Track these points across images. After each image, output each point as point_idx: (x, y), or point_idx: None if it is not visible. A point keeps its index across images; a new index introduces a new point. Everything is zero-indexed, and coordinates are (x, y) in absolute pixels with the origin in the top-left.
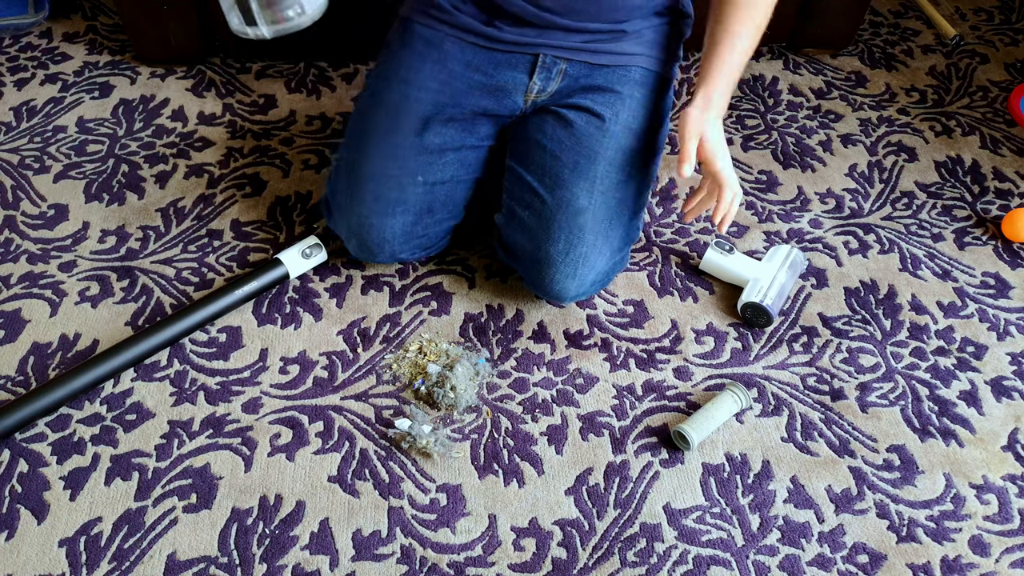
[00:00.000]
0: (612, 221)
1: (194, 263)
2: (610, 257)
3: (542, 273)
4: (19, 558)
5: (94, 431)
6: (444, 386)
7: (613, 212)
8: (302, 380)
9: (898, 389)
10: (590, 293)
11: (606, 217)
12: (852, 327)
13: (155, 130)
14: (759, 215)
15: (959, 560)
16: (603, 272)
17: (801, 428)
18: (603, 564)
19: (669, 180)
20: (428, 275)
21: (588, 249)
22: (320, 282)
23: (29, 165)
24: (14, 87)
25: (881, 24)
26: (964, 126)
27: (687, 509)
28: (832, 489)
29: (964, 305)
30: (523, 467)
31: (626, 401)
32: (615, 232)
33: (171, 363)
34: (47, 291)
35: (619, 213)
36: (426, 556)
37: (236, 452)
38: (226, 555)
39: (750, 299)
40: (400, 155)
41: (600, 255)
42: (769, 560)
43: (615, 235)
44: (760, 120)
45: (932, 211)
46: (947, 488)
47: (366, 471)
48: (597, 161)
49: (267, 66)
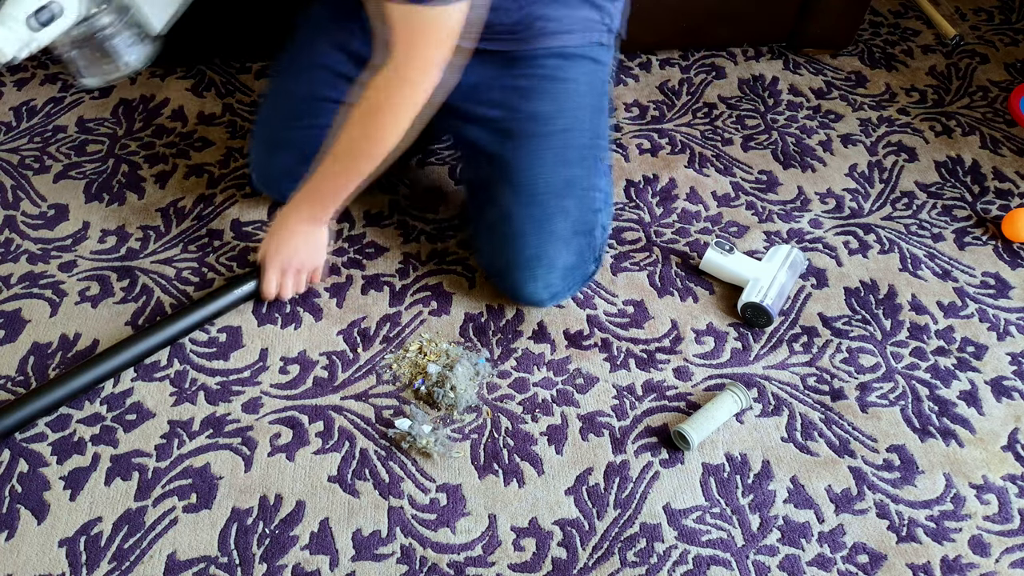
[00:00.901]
0: (555, 217)
1: (194, 263)
2: (574, 251)
3: (506, 282)
4: (19, 558)
5: (94, 431)
6: (444, 386)
7: (554, 209)
8: (302, 380)
9: (898, 389)
10: (567, 292)
11: (547, 215)
12: (852, 327)
13: (155, 130)
14: (759, 215)
15: (959, 560)
16: (570, 267)
17: (801, 428)
18: (603, 564)
19: (669, 180)
20: (428, 275)
21: (537, 251)
22: (320, 282)
23: (29, 165)
24: (14, 87)
25: (881, 24)
26: (964, 126)
27: (687, 509)
28: (832, 489)
29: (964, 305)
30: (523, 467)
31: (626, 401)
32: (564, 226)
33: (171, 363)
34: (47, 291)
35: (562, 208)
36: (426, 556)
37: (236, 452)
38: (226, 555)
39: (750, 299)
40: (290, 102)
41: (557, 253)
42: (769, 560)
43: (565, 229)
44: (760, 120)
45: (932, 211)
46: (947, 488)
47: (366, 471)
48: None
49: (267, 66)
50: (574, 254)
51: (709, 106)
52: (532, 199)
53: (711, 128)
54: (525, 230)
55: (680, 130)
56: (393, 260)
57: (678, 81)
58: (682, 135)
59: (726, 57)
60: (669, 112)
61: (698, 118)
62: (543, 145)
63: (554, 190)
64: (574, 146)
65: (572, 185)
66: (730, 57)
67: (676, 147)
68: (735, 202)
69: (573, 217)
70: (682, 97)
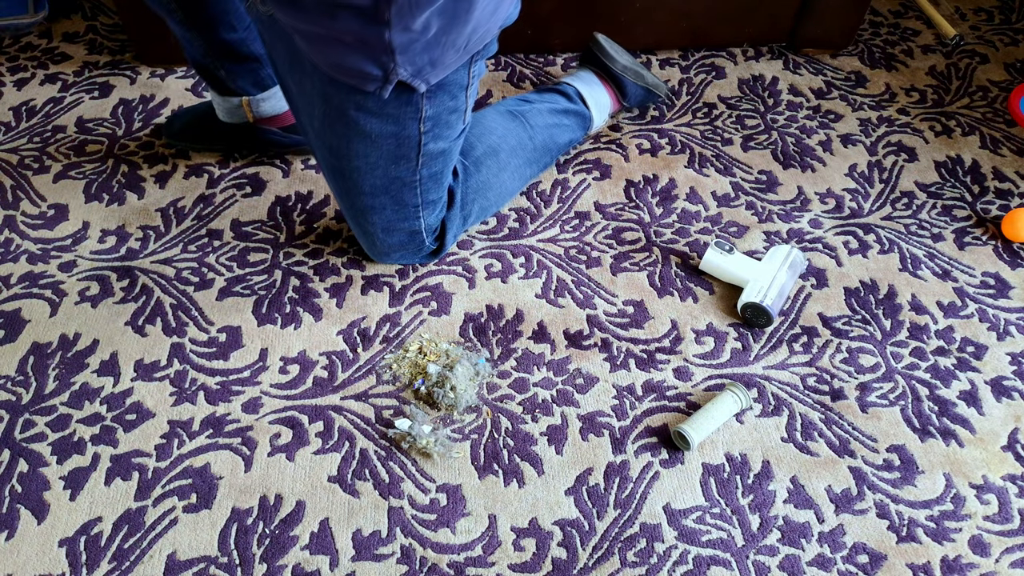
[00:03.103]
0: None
1: (194, 263)
2: (403, 214)
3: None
4: (19, 558)
5: (94, 431)
6: (444, 386)
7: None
8: (302, 380)
9: (898, 389)
10: (409, 253)
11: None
12: (852, 327)
13: (155, 130)
14: (759, 215)
15: (959, 560)
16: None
17: (801, 428)
18: (603, 564)
19: (669, 180)
20: (428, 275)
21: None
22: (320, 282)
23: (29, 165)
24: (14, 87)
25: (881, 24)
26: (964, 126)
27: (687, 509)
28: (832, 489)
29: (964, 305)
30: (523, 467)
31: (626, 401)
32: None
33: (171, 363)
34: (47, 291)
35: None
36: (426, 556)
37: (236, 452)
38: (226, 555)
39: (750, 299)
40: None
41: (379, 214)
42: (769, 560)
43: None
44: (760, 120)
45: (932, 211)
46: (947, 488)
47: (366, 471)
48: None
49: None
50: (408, 214)
51: (709, 106)
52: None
53: (711, 128)
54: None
55: (680, 130)
56: None
57: (678, 81)
58: (682, 135)
59: (726, 57)
60: (669, 112)
61: (698, 118)
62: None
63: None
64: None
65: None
66: (730, 57)
67: (676, 147)
68: (735, 202)
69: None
70: (682, 97)
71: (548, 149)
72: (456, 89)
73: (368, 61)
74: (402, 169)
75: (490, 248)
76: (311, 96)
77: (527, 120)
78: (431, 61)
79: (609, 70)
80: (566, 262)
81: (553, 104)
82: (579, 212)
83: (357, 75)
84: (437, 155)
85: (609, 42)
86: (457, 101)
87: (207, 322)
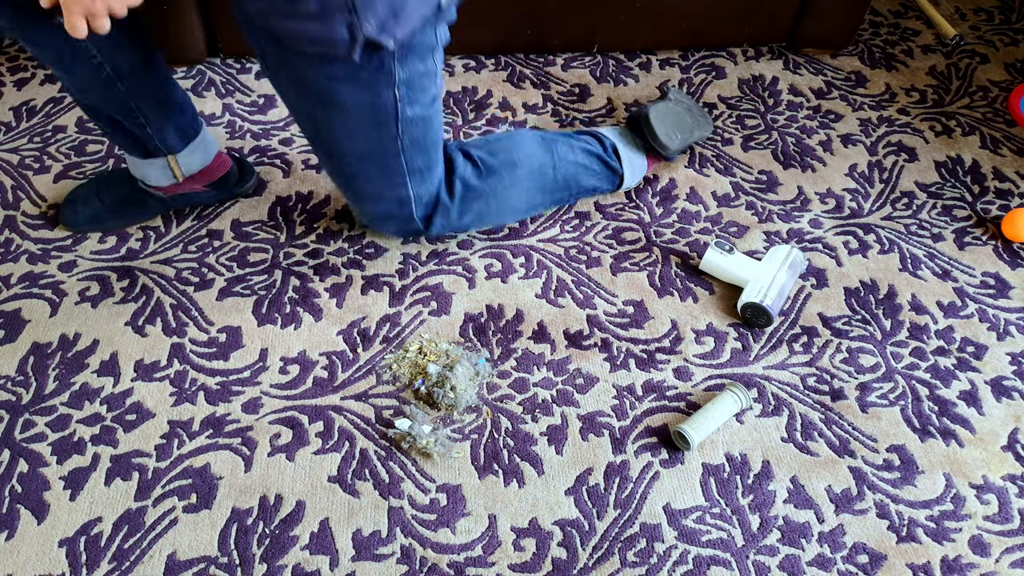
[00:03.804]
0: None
1: (194, 263)
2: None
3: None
4: (19, 558)
5: (94, 431)
6: (444, 386)
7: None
8: (302, 380)
9: (898, 389)
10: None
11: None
12: (852, 327)
13: None
14: (759, 215)
15: (959, 560)
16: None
17: (801, 428)
18: (603, 564)
19: (669, 180)
20: (428, 275)
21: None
22: (320, 282)
23: (29, 165)
24: (14, 87)
25: (881, 24)
26: (964, 126)
27: (687, 509)
28: (832, 489)
29: (964, 305)
30: (523, 467)
31: (626, 401)
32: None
33: (171, 363)
34: (47, 291)
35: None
36: (426, 556)
37: (236, 452)
38: (226, 555)
39: (750, 299)
40: None
41: (370, 183)
42: (769, 560)
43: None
44: (760, 120)
45: (932, 211)
46: (947, 488)
47: (366, 471)
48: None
49: None
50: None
51: (709, 106)
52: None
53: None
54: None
55: None
56: (393, 260)
57: (678, 81)
58: None
59: (726, 57)
60: None
61: None
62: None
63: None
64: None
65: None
66: (730, 57)
67: None
68: (735, 202)
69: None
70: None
71: (568, 186)
72: (424, 51)
73: (333, 24)
74: (383, 137)
75: (490, 248)
76: (288, 81)
77: (556, 151)
78: (392, 11)
79: (655, 151)
80: (566, 262)
81: (588, 146)
82: (579, 212)
83: (326, 42)
84: (416, 121)
85: (661, 118)
86: (427, 64)
87: (207, 322)
